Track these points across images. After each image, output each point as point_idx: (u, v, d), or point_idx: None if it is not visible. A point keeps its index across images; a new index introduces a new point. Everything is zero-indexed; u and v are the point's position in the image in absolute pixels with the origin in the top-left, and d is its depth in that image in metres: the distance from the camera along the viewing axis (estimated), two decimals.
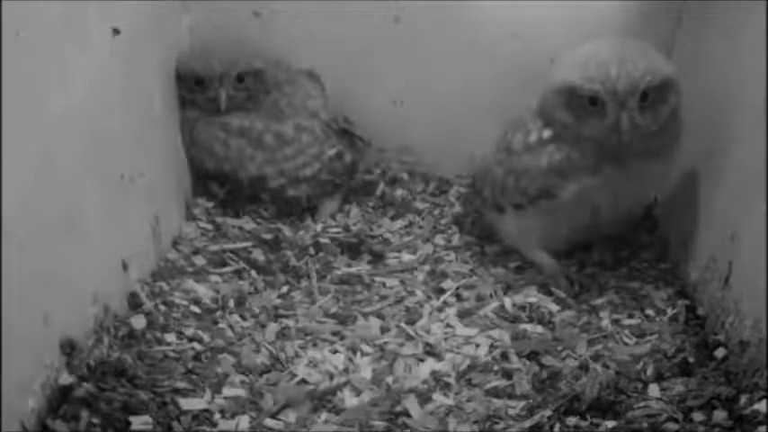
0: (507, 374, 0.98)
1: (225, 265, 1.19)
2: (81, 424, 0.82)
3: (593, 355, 1.00)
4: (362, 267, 1.22)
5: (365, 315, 1.10)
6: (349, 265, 1.22)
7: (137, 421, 0.83)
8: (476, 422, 0.89)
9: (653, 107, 1.03)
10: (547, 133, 1.10)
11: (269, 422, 0.88)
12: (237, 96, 1.28)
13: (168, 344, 0.99)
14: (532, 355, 1.01)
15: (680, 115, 1.08)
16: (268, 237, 1.25)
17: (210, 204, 1.33)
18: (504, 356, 1.01)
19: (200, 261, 1.19)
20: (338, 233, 1.28)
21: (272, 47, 1.33)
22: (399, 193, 1.43)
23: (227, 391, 0.92)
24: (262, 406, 0.90)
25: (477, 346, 1.03)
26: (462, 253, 1.27)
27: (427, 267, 1.22)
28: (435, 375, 0.97)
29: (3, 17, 0.73)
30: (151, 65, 1.17)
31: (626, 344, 1.03)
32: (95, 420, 0.83)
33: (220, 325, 1.05)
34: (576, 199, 1.10)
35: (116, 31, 1.00)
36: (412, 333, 1.06)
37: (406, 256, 1.26)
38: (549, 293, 1.15)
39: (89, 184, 0.93)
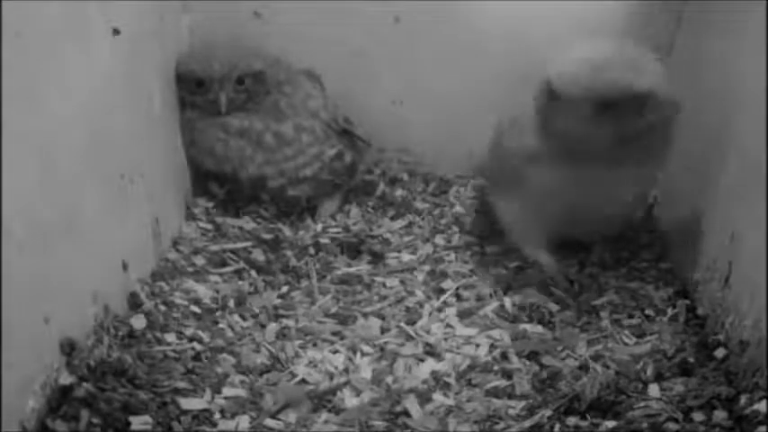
0: (507, 374, 0.98)
1: (225, 265, 1.19)
2: (81, 424, 0.82)
3: (594, 355, 1.00)
4: (362, 267, 1.22)
5: (365, 315, 1.10)
6: (349, 265, 1.22)
7: (137, 421, 0.83)
8: (476, 422, 0.89)
9: (627, 117, 0.99)
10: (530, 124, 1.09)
11: (269, 422, 0.88)
12: (238, 98, 1.28)
13: (168, 344, 0.99)
14: (532, 355, 1.01)
15: (665, 131, 1.05)
16: (268, 237, 1.25)
17: (210, 204, 1.33)
18: (504, 356, 1.01)
19: (200, 261, 1.19)
20: (338, 233, 1.28)
21: (272, 47, 1.33)
22: (399, 193, 1.43)
23: (227, 391, 0.92)
24: (262, 406, 0.90)
25: (477, 346, 1.03)
26: (462, 253, 1.27)
27: (427, 267, 1.22)
28: (435, 375, 0.97)
29: (3, 17, 0.73)
30: (151, 65, 1.17)
31: (626, 344, 1.03)
32: (95, 420, 0.83)
33: (220, 325, 1.05)
34: (544, 192, 1.08)
35: (116, 31, 1.00)
36: (412, 333, 1.06)
37: (406, 256, 1.26)
38: (549, 293, 1.15)
39: (89, 184, 0.93)
